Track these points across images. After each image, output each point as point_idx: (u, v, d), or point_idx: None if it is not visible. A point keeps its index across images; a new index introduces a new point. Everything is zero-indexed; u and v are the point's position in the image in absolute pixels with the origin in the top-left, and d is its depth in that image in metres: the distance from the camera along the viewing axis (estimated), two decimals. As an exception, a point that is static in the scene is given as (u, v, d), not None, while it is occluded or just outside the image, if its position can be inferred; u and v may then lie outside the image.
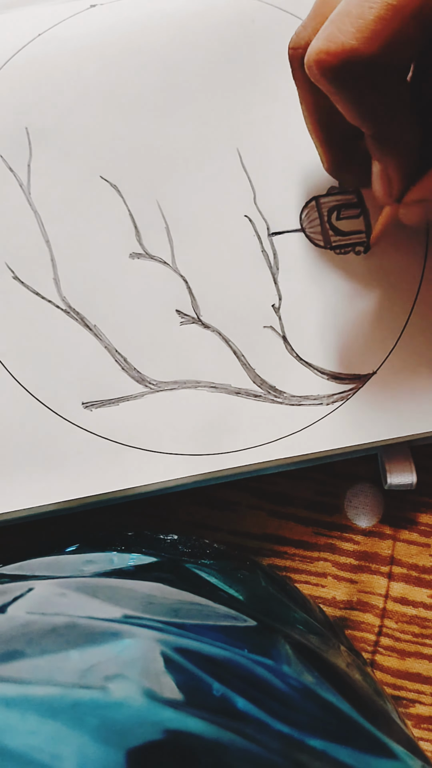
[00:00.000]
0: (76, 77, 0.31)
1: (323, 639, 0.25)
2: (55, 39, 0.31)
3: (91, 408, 0.29)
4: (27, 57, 0.31)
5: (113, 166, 0.30)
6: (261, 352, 0.30)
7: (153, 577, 0.23)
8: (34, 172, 0.30)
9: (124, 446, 0.29)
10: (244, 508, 0.33)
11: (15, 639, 0.19)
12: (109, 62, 0.31)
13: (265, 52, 0.31)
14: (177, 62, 0.31)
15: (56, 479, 0.29)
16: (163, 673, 0.18)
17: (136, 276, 0.30)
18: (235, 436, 0.29)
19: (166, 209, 0.30)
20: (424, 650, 0.32)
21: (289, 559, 0.33)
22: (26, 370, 0.29)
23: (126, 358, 0.30)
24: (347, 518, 0.33)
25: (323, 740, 0.18)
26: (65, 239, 0.30)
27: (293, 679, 0.20)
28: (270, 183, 0.31)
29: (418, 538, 0.33)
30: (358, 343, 0.30)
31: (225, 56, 0.31)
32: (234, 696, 0.18)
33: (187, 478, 0.29)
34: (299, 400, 0.30)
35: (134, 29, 0.31)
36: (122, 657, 0.18)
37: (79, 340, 0.30)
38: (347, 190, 0.31)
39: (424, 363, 0.30)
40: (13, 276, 0.30)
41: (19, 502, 0.28)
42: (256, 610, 0.23)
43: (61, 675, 0.17)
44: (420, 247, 0.31)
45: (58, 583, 0.22)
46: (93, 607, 0.21)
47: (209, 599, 0.22)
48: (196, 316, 0.30)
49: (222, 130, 0.31)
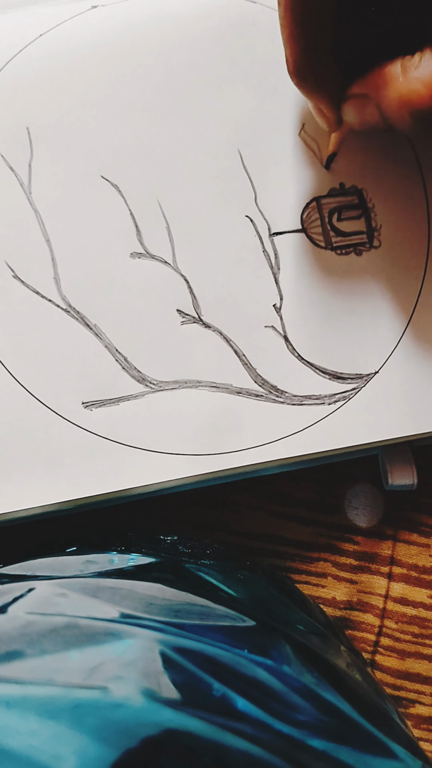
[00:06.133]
0: (77, 77, 0.31)
1: (323, 639, 0.25)
2: (57, 39, 0.31)
3: (92, 408, 0.29)
4: (28, 57, 0.31)
5: (114, 166, 0.30)
6: (262, 352, 0.30)
7: (153, 577, 0.23)
8: (35, 172, 0.30)
9: (125, 446, 0.29)
10: (245, 508, 0.33)
11: (15, 639, 0.19)
12: (111, 63, 0.31)
13: (266, 53, 0.31)
14: (178, 63, 0.31)
15: (56, 479, 0.29)
16: (163, 673, 0.18)
17: (137, 275, 0.30)
18: (237, 436, 0.29)
19: (166, 209, 0.30)
20: (424, 650, 0.32)
21: (289, 559, 0.33)
22: (26, 369, 0.29)
23: (126, 357, 0.30)
24: (347, 518, 0.33)
25: (323, 740, 0.18)
26: (65, 238, 0.30)
27: (293, 679, 0.20)
28: (271, 183, 0.31)
29: (418, 539, 0.33)
30: (359, 343, 0.30)
31: (226, 57, 0.31)
32: (234, 696, 0.18)
33: (188, 478, 0.29)
34: (301, 400, 0.30)
35: (136, 30, 0.31)
36: (122, 657, 0.18)
37: (79, 339, 0.30)
38: (348, 191, 0.31)
39: (426, 362, 0.30)
40: (13, 275, 0.30)
41: (19, 502, 0.28)
42: (256, 611, 0.23)
43: (61, 675, 0.17)
44: (422, 248, 0.31)
45: (58, 584, 0.22)
46: (93, 607, 0.21)
47: (209, 599, 0.22)
48: (197, 316, 0.30)
49: (223, 130, 0.31)
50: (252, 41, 0.31)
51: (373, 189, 0.31)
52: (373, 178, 0.31)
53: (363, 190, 0.31)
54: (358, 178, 0.31)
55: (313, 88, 0.27)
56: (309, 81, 0.27)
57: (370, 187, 0.31)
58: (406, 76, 0.24)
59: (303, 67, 0.26)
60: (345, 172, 0.31)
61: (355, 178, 0.31)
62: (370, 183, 0.31)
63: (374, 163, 0.31)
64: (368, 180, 0.31)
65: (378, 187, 0.31)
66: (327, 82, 0.27)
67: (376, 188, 0.31)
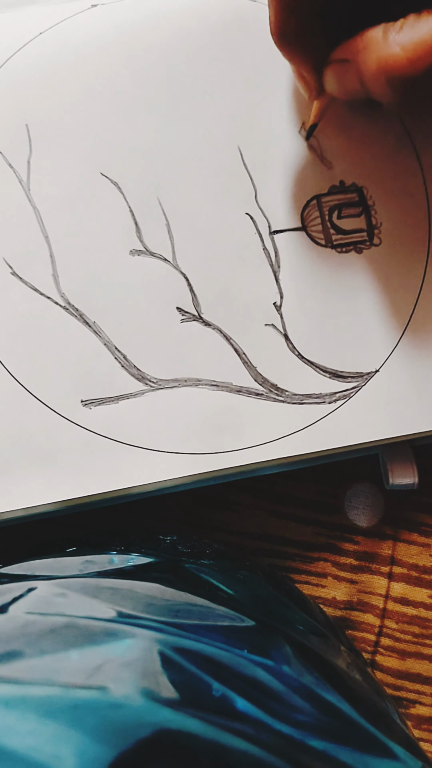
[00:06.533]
0: (76, 76, 0.31)
1: (323, 639, 0.25)
2: (56, 38, 0.31)
3: (91, 406, 0.29)
4: (28, 55, 0.31)
5: (114, 163, 0.30)
6: (262, 350, 0.30)
7: (153, 577, 0.23)
8: (34, 169, 0.30)
9: (124, 445, 0.29)
10: (244, 508, 0.33)
11: (15, 639, 0.19)
12: (110, 61, 0.31)
13: (265, 51, 0.31)
14: (178, 61, 0.31)
15: (55, 478, 0.29)
16: (162, 673, 0.18)
17: (137, 273, 0.30)
18: (237, 434, 0.29)
19: (166, 206, 0.30)
20: (424, 650, 0.32)
21: (289, 559, 0.33)
22: (25, 367, 0.29)
23: (126, 355, 0.30)
24: (347, 518, 0.33)
25: (323, 740, 0.18)
26: (64, 235, 0.30)
27: (293, 680, 0.20)
28: (271, 181, 0.31)
29: (419, 539, 0.33)
30: (360, 341, 0.30)
31: (225, 55, 0.31)
32: (234, 696, 0.18)
33: (188, 477, 0.29)
34: (301, 399, 0.30)
35: (135, 29, 0.31)
36: (122, 657, 0.18)
37: (78, 336, 0.29)
38: (349, 189, 0.31)
39: (427, 360, 0.30)
40: (12, 272, 0.30)
41: (19, 501, 0.28)
42: (255, 611, 0.23)
43: (60, 675, 0.17)
44: (422, 245, 0.31)
45: (58, 584, 0.22)
46: (92, 607, 0.20)
47: (209, 599, 0.22)
48: (196, 314, 0.30)
49: (223, 128, 0.31)
50: (251, 39, 0.31)
51: (374, 186, 0.31)
52: (373, 176, 0.31)
53: (363, 187, 0.31)
54: (358, 175, 0.31)
55: (296, 51, 0.26)
56: (291, 44, 0.26)
57: (370, 185, 0.31)
58: (386, 39, 0.23)
59: (286, 30, 0.26)
60: (345, 169, 0.31)
61: (355, 176, 0.31)
62: (371, 180, 0.31)
63: (375, 160, 0.31)
64: (369, 177, 0.31)
65: (378, 185, 0.31)
66: (310, 46, 0.26)
67: (376, 186, 0.31)
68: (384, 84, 0.24)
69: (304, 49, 0.26)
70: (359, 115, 0.31)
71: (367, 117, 0.31)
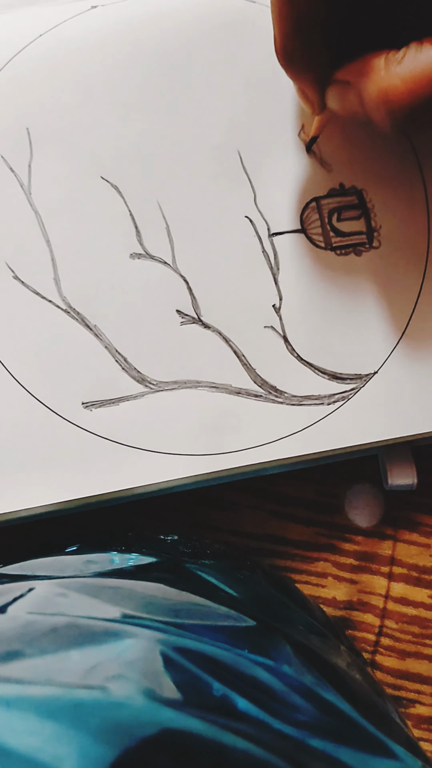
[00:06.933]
0: (77, 78, 0.31)
1: (323, 639, 0.25)
2: (57, 40, 0.31)
3: (91, 408, 0.29)
4: (28, 57, 0.31)
5: (114, 167, 0.30)
6: (261, 352, 0.30)
7: (153, 577, 0.23)
8: (35, 173, 0.30)
9: (124, 446, 0.29)
10: (245, 508, 0.33)
11: (15, 639, 0.19)
12: (110, 63, 0.31)
13: (265, 53, 0.31)
14: (178, 63, 0.31)
15: (56, 479, 0.29)
16: (163, 673, 0.18)
17: (137, 276, 0.30)
18: (236, 436, 0.29)
19: (166, 209, 0.30)
20: (424, 650, 0.32)
21: (290, 559, 0.33)
22: (26, 369, 0.29)
23: (126, 357, 0.30)
24: (347, 518, 0.33)
25: (323, 740, 0.18)
26: (65, 239, 0.30)
27: (293, 679, 0.20)
28: (270, 184, 0.31)
29: (419, 539, 0.33)
30: (359, 343, 0.30)
31: (225, 57, 0.31)
32: (234, 696, 0.18)
33: (188, 478, 0.29)
34: (300, 400, 0.30)
35: (135, 30, 0.31)
36: (122, 657, 0.18)
37: (79, 339, 0.30)
38: (348, 192, 0.31)
39: (425, 362, 0.30)
40: (14, 276, 0.30)
41: (19, 502, 0.28)
42: (256, 611, 0.23)
43: (61, 675, 0.17)
44: (422, 248, 0.31)
45: (58, 584, 0.22)
46: (93, 607, 0.21)
47: (209, 599, 0.22)
48: (196, 316, 0.30)
49: (223, 130, 0.31)
50: (251, 41, 0.31)
51: (373, 189, 0.31)
52: (373, 179, 0.31)
53: (363, 190, 0.31)
54: (358, 178, 0.31)
55: (299, 70, 0.26)
56: (295, 62, 0.26)
57: (370, 188, 0.31)
58: (387, 70, 0.24)
59: (290, 49, 0.26)
60: (345, 172, 0.31)
61: (354, 179, 0.31)
62: (370, 183, 0.31)
63: (374, 163, 0.31)
64: (368, 180, 0.31)
65: (378, 188, 0.31)
66: (314, 65, 0.26)
67: (376, 189, 0.31)
68: (384, 113, 0.24)
69: (308, 67, 0.26)
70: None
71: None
